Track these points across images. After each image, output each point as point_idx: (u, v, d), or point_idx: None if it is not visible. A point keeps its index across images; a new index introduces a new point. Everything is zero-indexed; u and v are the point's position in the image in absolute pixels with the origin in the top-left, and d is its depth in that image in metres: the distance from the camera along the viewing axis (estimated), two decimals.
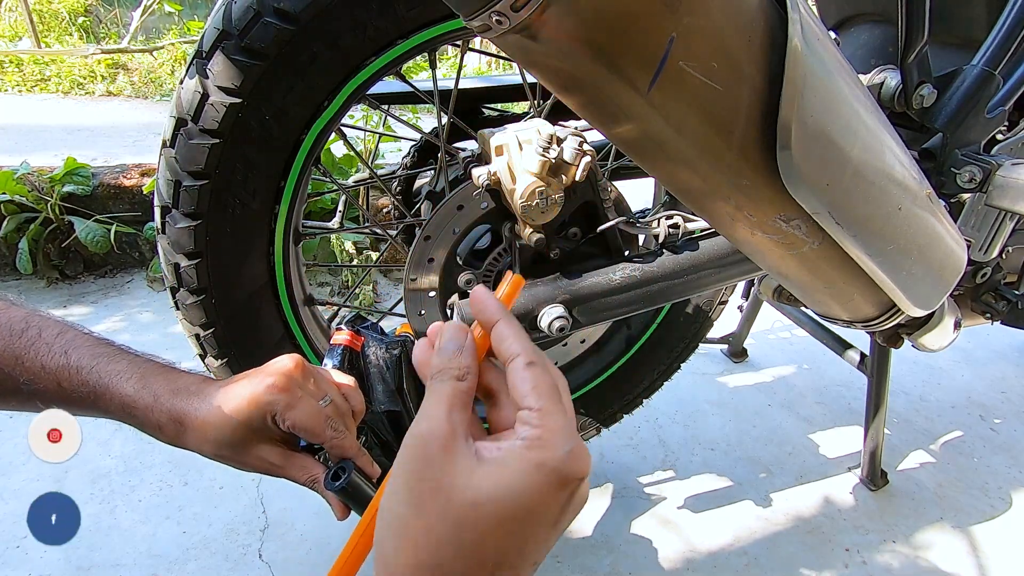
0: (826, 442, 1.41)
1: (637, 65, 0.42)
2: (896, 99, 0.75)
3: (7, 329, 0.51)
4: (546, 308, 0.74)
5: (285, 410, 0.51)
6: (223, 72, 0.70)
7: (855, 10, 0.96)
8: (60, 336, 0.52)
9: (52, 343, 0.52)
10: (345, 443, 0.54)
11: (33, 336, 0.51)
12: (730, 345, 1.69)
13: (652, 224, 0.79)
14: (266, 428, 0.52)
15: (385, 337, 0.70)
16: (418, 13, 0.73)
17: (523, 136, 0.70)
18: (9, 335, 0.51)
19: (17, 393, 0.51)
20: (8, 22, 4.81)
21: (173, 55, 4.46)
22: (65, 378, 0.50)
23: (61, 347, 0.52)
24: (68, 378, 0.51)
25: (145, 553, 1.07)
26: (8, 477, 1.18)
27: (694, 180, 0.52)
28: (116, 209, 1.95)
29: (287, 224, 0.81)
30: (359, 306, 1.83)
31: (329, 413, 0.53)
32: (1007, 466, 1.37)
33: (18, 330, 0.51)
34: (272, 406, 0.51)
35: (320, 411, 0.53)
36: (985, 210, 0.87)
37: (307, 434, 0.53)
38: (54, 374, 0.50)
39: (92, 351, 0.52)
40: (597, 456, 1.33)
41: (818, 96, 0.47)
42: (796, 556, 1.13)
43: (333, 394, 0.56)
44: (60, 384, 0.50)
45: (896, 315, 0.72)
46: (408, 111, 2.89)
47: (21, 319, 0.52)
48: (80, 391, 0.51)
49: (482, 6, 0.39)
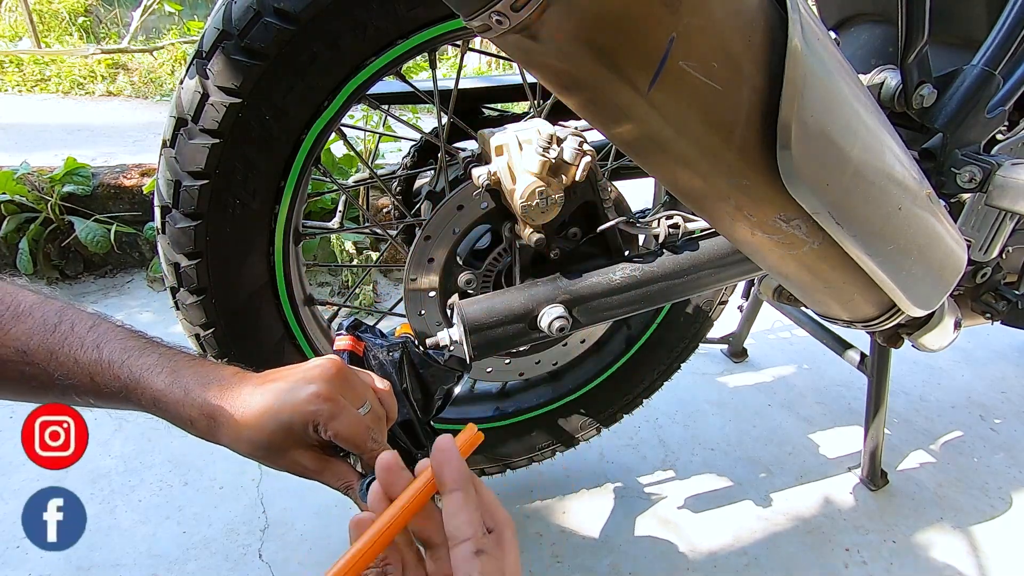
0: (826, 442, 1.41)
1: (637, 65, 0.42)
2: (896, 99, 0.75)
3: (41, 324, 0.51)
4: (546, 308, 0.74)
5: (328, 420, 0.50)
6: (223, 72, 0.70)
7: (855, 10, 0.96)
8: (93, 330, 0.52)
9: (85, 337, 0.51)
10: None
11: (66, 331, 0.51)
12: (730, 345, 1.69)
13: (652, 224, 0.79)
14: (306, 435, 0.51)
15: (385, 339, 0.70)
16: (418, 13, 0.73)
17: (523, 136, 0.70)
18: (43, 330, 0.51)
19: (52, 388, 0.51)
20: (8, 22, 4.81)
21: (173, 55, 4.46)
22: (98, 372, 0.50)
23: (93, 341, 0.51)
24: (100, 372, 0.50)
25: (145, 553, 1.07)
26: (8, 477, 1.18)
27: (694, 180, 0.52)
28: (116, 209, 1.95)
29: (287, 224, 0.81)
30: (359, 306, 1.83)
31: (368, 422, 0.52)
32: (1007, 466, 1.37)
33: (51, 324, 0.51)
34: (316, 416, 0.49)
35: (362, 422, 0.51)
36: (985, 210, 0.87)
37: (349, 445, 0.51)
38: (87, 368, 0.50)
39: (123, 344, 0.52)
40: (597, 456, 1.33)
41: (818, 96, 0.47)
42: (796, 556, 1.13)
43: (371, 399, 0.54)
44: (93, 378, 0.50)
45: (896, 315, 0.72)
46: (408, 111, 2.89)
47: (55, 313, 0.52)
48: (112, 385, 0.50)
49: (482, 6, 0.39)
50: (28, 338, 0.50)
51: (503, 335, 0.74)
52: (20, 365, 0.50)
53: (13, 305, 0.52)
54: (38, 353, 0.50)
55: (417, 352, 0.71)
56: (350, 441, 0.51)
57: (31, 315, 0.51)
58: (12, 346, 0.50)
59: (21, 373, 0.50)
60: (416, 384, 0.69)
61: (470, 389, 1.14)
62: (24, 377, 0.51)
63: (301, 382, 0.51)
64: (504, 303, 0.74)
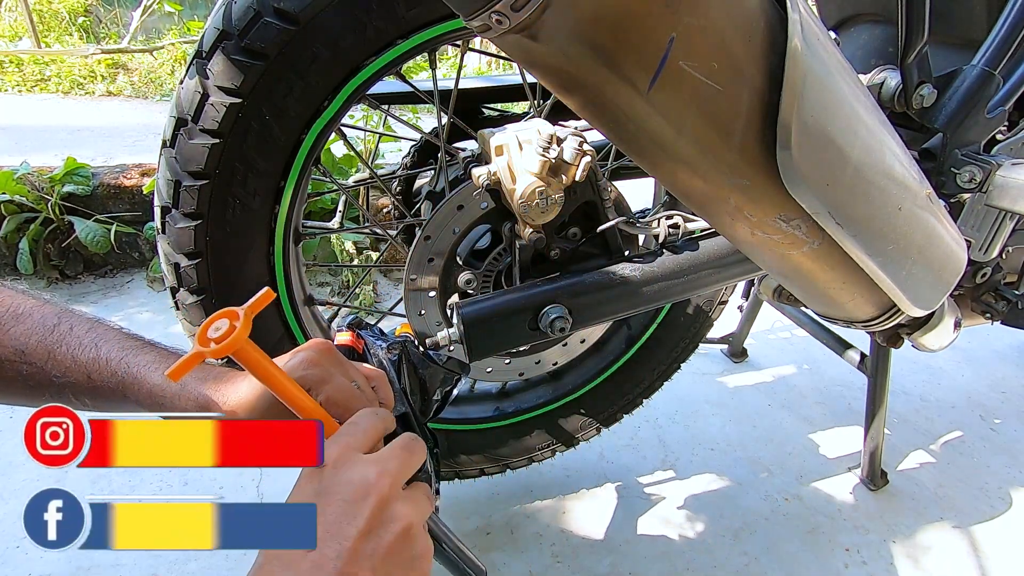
0: (826, 442, 1.41)
1: (637, 65, 0.42)
2: (896, 99, 0.75)
3: (40, 324, 0.52)
4: (546, 308, 0.74)
5: (319, 384, 0.50)
6: (223, 72, 0.70)
7: (855, 10, 0.96)
8: (91, 331, 0.53)
9: (83, 337, 0.52)
10: None
11: (64, 331, 0.52)
12: (730, 345, 1.69)
13: (652, 224, 0.79)
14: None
15: (385, 338, 0.70)
16: (418, 13, 0.73)
17: (523, 136, 0.70)
18: (42, 330, 0.52)
19: (49, 386, 0.51)
20: (8, 22, 4.81)
21: (173, 55, 4.46)
22: (95, 370, 0.51)
23: (92, 341, 0.52)
24: (98, 370, 0.51)
25: (145, 553, 1.07)
26: (8, 477, 1.18)
27: (694, 180, 0.52)
28: (116, 209, 1.95)
29: (287, 224, 0.81)
30: (359, 306, 1.83)
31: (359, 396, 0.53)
32: (1007, 466, 1.37)
33: (50, 325, 0.52)
34: (305, 380, 0.50)
35: (354, 389, 0.52)
36: (985, 210, 0.87)
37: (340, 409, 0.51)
38: (84, 367, 0.51)
39: (121, 344, 0.53)
40: (597, 456, 1.33)
41: (818, 96, 0.47)
42: (796, 556, 1.13)
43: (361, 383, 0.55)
44: (90, 376, 0.51)
45: (896, 315, 0.72)
46: (408, 111, 2.89)
47: (54, 315, 0.53)
48: (109, 382, 0.51)
49: (482, 6, 0.39)
50: (27, 338, 0.51)
51: (503, 335, 0.74)
52: (18, 365, 0.51)
53: (13, 307, 0.52)
54: (36, 353, 0.51)
55: (416, 352, 0.71)
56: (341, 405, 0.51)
57: (30, 316, 0.52)
58: (11, 346, 0.51)
59: (18, 373, 0.51)
60: (415, 384, 0.69)
61: (470, 389, 1.14)
62: (21, 377, 0.51)
63: (291, 355, 0.52)
64: (504, 303, 0.74)
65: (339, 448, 0.43)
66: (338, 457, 0.42)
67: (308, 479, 0.42)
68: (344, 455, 0.42)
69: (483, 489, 1.23)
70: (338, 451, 0.43)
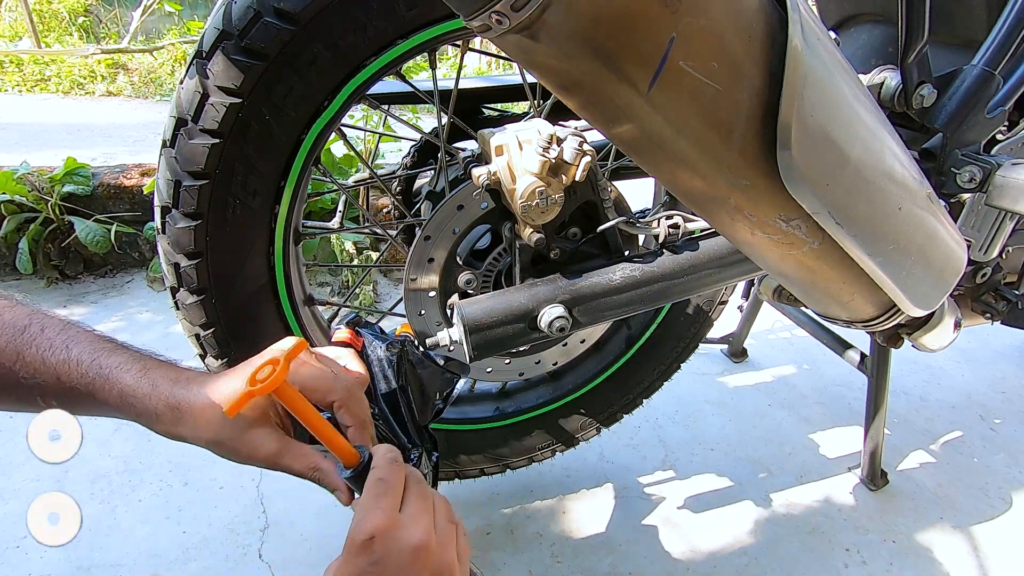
0: (826, 442, 1.41)
1: (637, 65, 0.42)
2: (896, 99, 0.75)
3: (10, 326, 0.51)
4: (546, 308, 0.74)
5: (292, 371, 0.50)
6: (223, 72, 0.70)
7: (855, 10, 0.96)
8: (62, 332, 0.52)
9: (54, 339, 0.52)
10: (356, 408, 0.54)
11: (35, 332, 0.52)
12: (730, 345, 1.69)
13: (652, 224, 0.79)
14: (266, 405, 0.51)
15: (385, 337, 0.70)
16: (418, 13, 0.73)
17: (523, 136, 0.70)
18: (12, 331, 0.51)
19: (17, 387, 0.51)
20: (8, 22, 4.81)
21: (173, 55, 4.46)
22: (64, 372, 0.50)
23: (63, 342, 0.52)
24: (67, 372, 0.51)
25: (145, 553, 1.07)
26: (8, 477, 1.18)
27: (694, 180, 0.52)
28: (116, 209, 1.95)
29: (287, 224, 0.81)
30: (359, 306, 1.83)
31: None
32: (1007, 466, 1.37)
33: (21, 327, 0.51)
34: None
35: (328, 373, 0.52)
36: (985, 210, 0.87)
37: (316, 394, 0.52)
38: (54, 368, 0.50)
39: (93, 346, 0.52)
40: (597, 456, 1.33)
41: (818, 96, 0.47)
42: (796, 556, 1.13)
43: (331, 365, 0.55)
44: (59, 378, 0.50)
45: (896, 315, 0.72)
46: (408, 111, 2.89)
47: (25, 316, 0.52)
48: (79, 384, 0.51)
49: (482, 6, 0.39)
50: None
51: (503, 335, 0.74)
52: None
53: None
54: (5, 354, 0.50)
55: (416, 352, 0.71)
56: (317, 389, 0.51)
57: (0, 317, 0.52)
58: None
59: None
60: (414, 384, 0.69)
61: (470, 389, 1.14)
62: None
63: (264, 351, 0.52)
64: (504, 303, 0.74)
65: (384, 516, 0.45)
66: (385, 528, 0.45)
67: (357, 553, 0.44)
68: (388, 526, 0.45)
69: (483, 489, 1.23)
70: (384, 520, 0.45)
